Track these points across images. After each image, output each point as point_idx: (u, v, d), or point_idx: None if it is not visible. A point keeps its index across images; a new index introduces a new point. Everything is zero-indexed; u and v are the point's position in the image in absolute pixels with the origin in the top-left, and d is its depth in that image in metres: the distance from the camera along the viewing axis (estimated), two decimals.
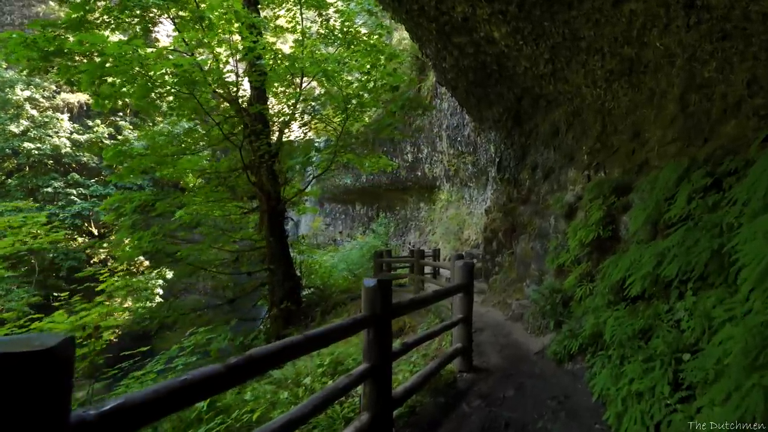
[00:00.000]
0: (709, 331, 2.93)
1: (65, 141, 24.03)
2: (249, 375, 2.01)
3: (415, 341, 3.80)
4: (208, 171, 10.14)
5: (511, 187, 10.20)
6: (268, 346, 2.05)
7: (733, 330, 2.33)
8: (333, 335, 2.70)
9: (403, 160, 25.54)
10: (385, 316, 3.13)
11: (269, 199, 9.89)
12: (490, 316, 8.04)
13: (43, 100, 24.58)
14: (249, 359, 1.84)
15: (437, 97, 20.77)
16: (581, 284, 5.86)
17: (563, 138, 8.80)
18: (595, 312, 4.86)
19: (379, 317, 3.08)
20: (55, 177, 24.38)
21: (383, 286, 3.10)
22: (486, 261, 10.36)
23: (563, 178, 8.36)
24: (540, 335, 6.24)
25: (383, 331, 3.13)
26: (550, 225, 7.72)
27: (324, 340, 2.62)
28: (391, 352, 3.24)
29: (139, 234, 9.06)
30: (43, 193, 24.02)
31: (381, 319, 3.09)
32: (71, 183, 24.60)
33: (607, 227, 5.87)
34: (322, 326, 2.74)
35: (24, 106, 23.79)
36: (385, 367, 3.15)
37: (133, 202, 10.00)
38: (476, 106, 10.52)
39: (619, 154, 7.32)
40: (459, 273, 4.99)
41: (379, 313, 3.08)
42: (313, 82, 11.03)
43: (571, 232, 6.45)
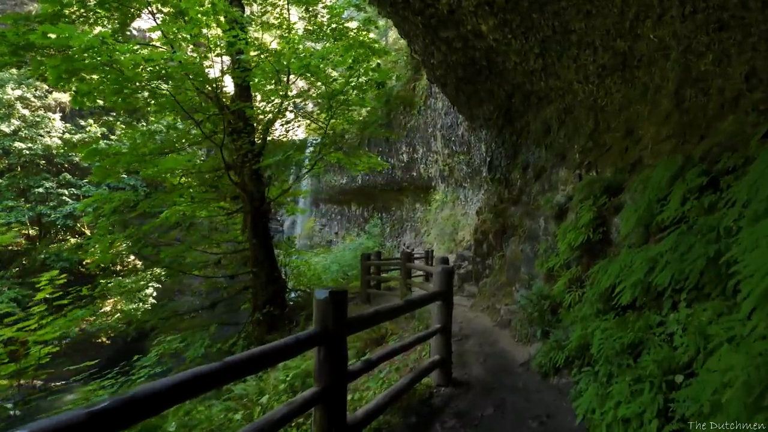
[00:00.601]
0: (704, 351, 2.54)
1: (57, 141, 23.65)
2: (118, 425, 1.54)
3: (380, 357, 3.42)
4: (191, 170, 9.75)
5: (502, 187, 9.83)
6: (154, 383, 1.66)
7: (733, 357, 1.95)
8: (268, 358, 2.32)
9: (399, 160, 25.17)
10: (339, 333, 2.75)
11: (252, 200, 9.51)
12: (478, 322, 7.65)
13: (35, 100, 24.20)
14: (127, 401, 1.46)
15: (431, 96, 20.40)
16: (570, 290, 5.48)
17: (555, 136, 8.43)
18: (583, 321, 4.47)
19: (332, 334, 2.70)
20: (47, 177, 24.01)
21: (337, 299, 2.73)
22: (476, 263, 9.98)
23: (554, 178, 7.99)
24: (527, 344, 5.85)
25: (336, 350, 2.75)
26: (540, 227, 7.34)
27: (253, 366, 2.24)
28: (347, 373, 2.86)
29: (111, 237, 8.67)
30: (35, 193, 23.64)
31: (333, 337, 2.72)
32: (63, 183, 24.23)
33: (598, 230, 5.49)
34: (257, 347, 2.36)
35: (15, 105, 23.41)
36: (339, 390, 2.77)
37: (113, 202, 9.62)
38: (466, 104, 10.14)
39: (611, 152, 6.95)
40: (437, 279, 4.62)
41: (331, 329, 2.70)
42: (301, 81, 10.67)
43: (561, 234, 6.07)
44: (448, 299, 4.61)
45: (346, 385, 2.89)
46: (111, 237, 8.72)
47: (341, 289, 2.79)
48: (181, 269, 9.88)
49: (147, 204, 9.68)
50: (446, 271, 4.59)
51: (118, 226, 10.04)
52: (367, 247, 19.21)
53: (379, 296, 9.94)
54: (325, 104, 9.01)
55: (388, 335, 6.59)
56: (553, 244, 6.68)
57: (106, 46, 6.66)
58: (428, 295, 4.40)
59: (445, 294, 4.54)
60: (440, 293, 4.54)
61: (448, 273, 4.58)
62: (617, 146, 6.85)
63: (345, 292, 2.81)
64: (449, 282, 4.61)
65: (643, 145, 6.23)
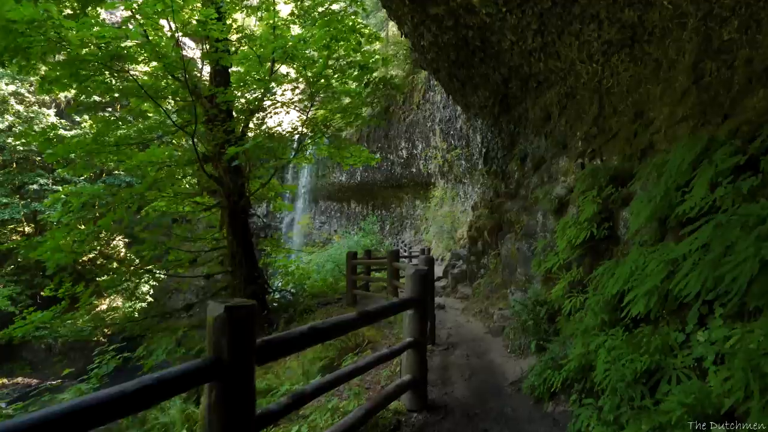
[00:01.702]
0: (761, 396, 1.71)
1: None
2: None
3: (319, 387, 2.60)
4: (167, 163, 8.99)
5: (499, 180, 8.97)
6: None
7: None
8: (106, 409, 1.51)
9: (398, 156, 24.38)
10: (241, 365, 1.94)
11: (230, 194, 8.74)
12: (468, 328, 6.82)
13: (29, 95, 23.63)
14: None
15: (430, 89, 19.57)
16: (571, 295, 4.64)
17: (556, 123, 7.57)
18: (585, 335, 3.64)
19: (230, 367, 1.90)
20: (42, 174, 23.46)
21: (237, 317, 1.92)
22: (471, 263, 9.14)
23: (554, 169, 7.14)
24: (520, 357, 5.02)
25: (238, 389, 1.94)
26: (538, 222, 6.50)
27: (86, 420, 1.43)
28: (255, 418, 2.04)
29: (61, 233, 7.92)
30: (30, 190, 23.09)
31: (232, 370, 1.91)
32: (58, 180, 23.66)
33: (603, 225, 4.64)
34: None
35: (9, 101, 22.86)
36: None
37: (82, 197, 8.87)
38: (461, 91, 9.28)
39: (618, 138, 6.10)
40: (409, 284, 3.79)
41: (228, 359, 1.89)
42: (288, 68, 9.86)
43: (560, 230, 5.22)
44: (422, 307, 3.78)
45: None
46: (61, 233, 7.98)
47: (244, 304, 1.97)
48: (147, 268, 9.14)
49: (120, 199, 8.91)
50: (419, 274, 3.76)
51: (89, 222, 9.32)
52: (364, 245, 18.39)
53: (368, 298, 9.13)
54: (306, 91, 8.20)
55: (365, 344, 5.78)
56: (551, 241, 5.84)
57: (51, 21, 5.89)
58: (397, 303, 3.58)
59: (417, 302, 3.72)
60: (412, 301, 3.72)
61: (422, 277, 3.76)
62: (625, 131, 6.00)
63: (251, 307, 2.00)
64: (424, 287, 3.78)
65: (655, 129, 5.38)
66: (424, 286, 3.80)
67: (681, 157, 3.49)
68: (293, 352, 2.43)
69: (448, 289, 9.75)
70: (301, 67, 7.89)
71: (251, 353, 2.01)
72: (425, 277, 3.80)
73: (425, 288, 3.82)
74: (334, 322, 2.69)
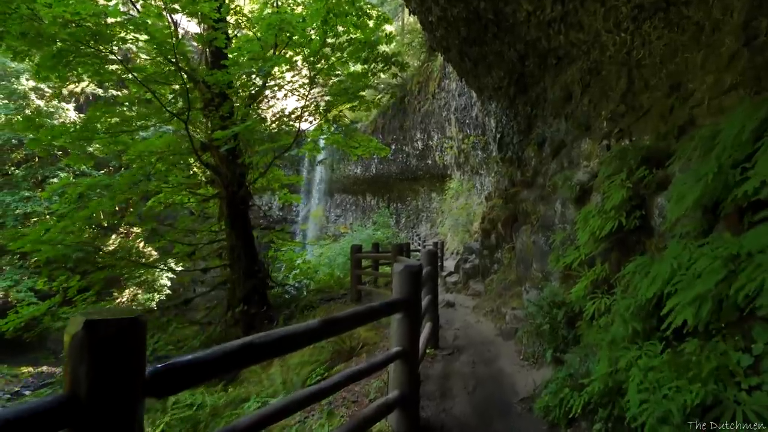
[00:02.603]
0: None
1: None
2: None
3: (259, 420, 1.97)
4: (166, 152, 8.53)
5: (514, 167, 8.19)
6: None
7: None
8: None
9: (413, 147, 23.63)
10: (111, 406, 1.33)
11: (228, 184, 8.21)
12: (478, 329, 6.12)
13: (49, 90, 23.73)
14: None
15: (446, 77, 18.72)
16: (594, 296, 3.91)
17: (578, 103, 6.77)
18: (612, 348, 2.92)
19: (90, 409, 1.28)
20: (63, 168, 23.59)
21: (104, 338, 1.30)
22: (483, 257, 8.40)
23: (576, 153, 6.34)
24: (534, 366, 4.31)
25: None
26: (556, 212, 5.73)
27: None
28: None
29: (40, 227, 7.54)
30: (51, 183, 23.24)
31: (95, 415, 1.29)
32: (78, 173, 23.76)
33: (634, 214, 3.88)
34: None
35: (30, 96, 22.99)
36: None
37: (79, 187, 8.52)
38: (473, 72, 8.50)
39: (650, 116, 5.29)
40: (397, 283, 3.13)
41: (86, 399, 1.28)
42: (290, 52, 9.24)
43: (582, 221, 4.47)
44: (414, 310, 3.12)
45: None
46: (43, 225, 7.60)
47: (121, 317, 1.35)
48: (134, 263, 8.73)
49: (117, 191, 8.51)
50: (409, 271, 3.10)
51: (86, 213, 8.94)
52: (377, 239, 17.78)
53: (372, 294, 8.49)
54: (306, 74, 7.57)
55: (359, 348, 5.15)
56: (571, 234, 5.08)
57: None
58: (378, 307, 2.92)
59: (407, 304, 3.06)
60: (400, 303, 3.06)
61: (413, 275, 3.09)
62: (658, 107, 5.19)
63: (131, 322, 1.38)
64: (415, 287, 3.12)
65: (696, 101, 4.57)
66: (415, 285, 3.13)
67: (739, 125, 2.72)
68: (210, 378, 1.81)
69: (459, 285, 9.05)
70: (300, 47, 7.25)
71: (132, 388, 1.39)
72: (417, 275, 3.13)
73: (416, 287, 3.15)
74: (281, 335, 2.06)
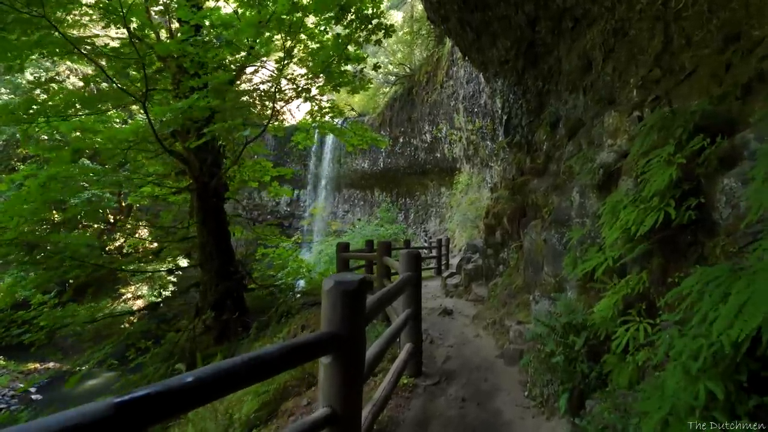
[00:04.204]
0: None
1: None
2: None
3: None
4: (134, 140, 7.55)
5: (523, 153, 6.94)
6: None
7: None
8: None
9: (422, 140, 22.42)
10: None
11: (200, 175, 7.17)
12: (475, 346, 4.95)
13: (54, 85, 23.18)
14: None
15: (453, 64, 17.44)
16: (627, 319, 2.72)
17: (599, 73, 5.52)
18: (662, 404, 1.74)
19: None
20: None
21: None
22: (487, 257, 7.18)
23: (597, 132, 5.09)
24: (543, 412, 3.12)
25: None
26: (573, 203, 4.50)
27: None
28: None
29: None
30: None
31: None
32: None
33: (686, 202, 2.66)
34: None
35: (34, 90, 22.48)
36: None
37: (39, 178, 7.62)
38: (476, 44, 7.26)
39: (697, 77, 4.04)
40: (327, 305, 1.99)
41: None
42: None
43: (608, 214, 3.26)
44: (351, 351, 1.98)
45: None
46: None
47: None
48: (80, 260, 7.78)
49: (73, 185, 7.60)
50: (342, 291, 1.94)
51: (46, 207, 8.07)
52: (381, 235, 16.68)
53: None
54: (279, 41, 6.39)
55: None
56: (593, 231, 3.87)
57: None
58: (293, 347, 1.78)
59: (337, 342, 1.92)
60: (327, 341, 1.91)
61: (347, 296, 1.94)
62: (708, 66, 3.95)
63: None
64: (351, 314, 1.97)
65: (765, 52, 3.33)
66: (353, 312, 1.98)
67: None
68: None
69: (461, 289, 7.85)
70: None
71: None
72: (354, 297, 1.98)
73: (355, 315, 2.00)
74: (181, 384, 0.95)
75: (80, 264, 7.66)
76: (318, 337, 1.92)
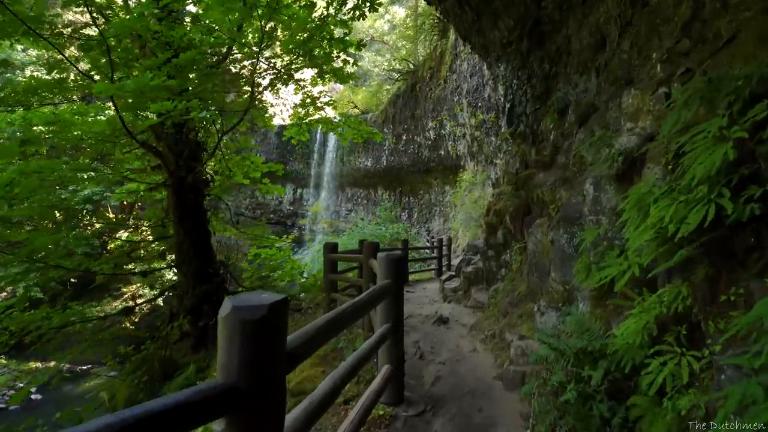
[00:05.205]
0: None
1: None
2: None
3: None
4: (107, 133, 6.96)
5: (527, 144, 6.19)
6: None
7: None
8: None
9: (425, 137, 21.69)
10: None
11: (175, 169, 6.54)
12: (471, 363, 4.23)
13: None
14: None
15: (457, 57, 16.69)
16: (662, 348, 2.00)
17: (614, 50, 4.77)
18: None
19: None
20: (66, 161, 22.63)
21: None
22: (488, 259, 6.45)
23: (612, 116, 4.34)
24: None
25: None
26: (585, 198, 3.76)
27: None
28: None
29: None
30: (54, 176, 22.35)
31: None
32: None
33: (745, 193, 1.93)
34: None
35: None
36: None
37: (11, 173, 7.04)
38: (476, 25, 6.52)
39: (739, 43, 3.29)
40: (223, 346, 1.30)
41: None
42: None
43: (633, 209, 2.53)
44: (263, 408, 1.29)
45: None
46: None
47: None
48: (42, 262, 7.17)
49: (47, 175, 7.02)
50: (242, 319, 1.26)
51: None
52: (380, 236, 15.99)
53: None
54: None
55: None
56: (611, 230, 3.14)
57: None
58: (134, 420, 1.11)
59: (236, 399, 1.23)
60: (224, 396, 1.23)
61: (253, 326, 1.26)
62: (752, 30, 3.21)
63: None
64: (261, 352, 1.29)
65: None
66: (265, 349, 1.29)
67: None
68: None
69: (460, 293, 7.12)
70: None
71: None
72: (265, 328, 1.29)
73: (267, 355, 1.30)
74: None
75: (43, 266, 7.04)
76: (200, 392, 1.22)
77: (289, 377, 3.73)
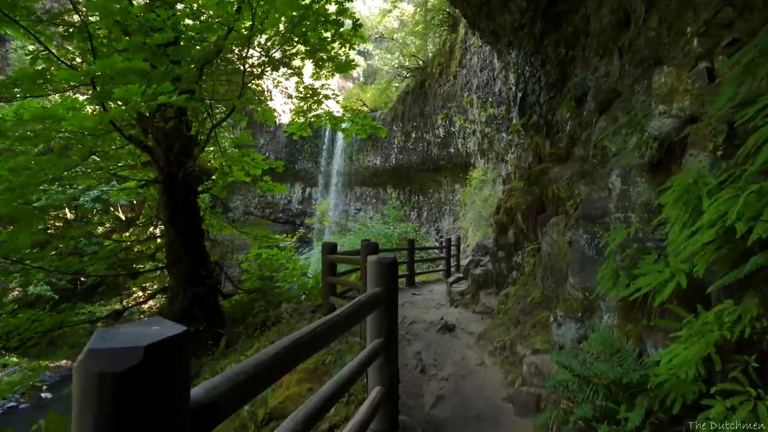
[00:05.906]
0: None
1: None
2: None
3: None
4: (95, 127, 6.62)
5: (541, 136, 5.66)
6: None
7: None
8: None
9: (434, 135, 21.16)
10: None
11: (165, 165, 6.15)
12: (479, 380, 3.73)
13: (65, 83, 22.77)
14: None
15: (467, 51, 16.13)
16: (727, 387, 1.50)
17: (639, 28, 4.22)
18: None
19: None
20: (75, 160, 22.62)
21: None
22: (498, 261, 5.93)
23: (641, 99, 3.79)
24: None
25: None
26: (611, 192, 3.23)
27: None
28: None
29: None
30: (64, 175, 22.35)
31: None
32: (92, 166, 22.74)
33: None
34: None
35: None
36: None
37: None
38: (485, 9, 6.00)
39: None
40: (75, 417, 0.83)
41: None
42: None
43: (677, 205, 2.01)
44: None
45: None
46: None
47: None
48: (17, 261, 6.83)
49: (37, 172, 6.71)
50: (102, 372, 0.81)
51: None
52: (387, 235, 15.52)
53: None
54: None
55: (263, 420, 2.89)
56: (643, 229, 2.62)
57: None
58: None
59: None
60: None
61: (120, 380, 0.81)
62: None
63: None
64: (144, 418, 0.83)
65: None
66: (143, 424, 0.82)
67: None
68: None
69: (467, 297, 6.61)
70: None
71: None
72: (145, 387, 0.82)
73: (153, 420, 0.83)
74: None
75: (23, 267, 6.72)
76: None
77: (271, 396, 3.27)
